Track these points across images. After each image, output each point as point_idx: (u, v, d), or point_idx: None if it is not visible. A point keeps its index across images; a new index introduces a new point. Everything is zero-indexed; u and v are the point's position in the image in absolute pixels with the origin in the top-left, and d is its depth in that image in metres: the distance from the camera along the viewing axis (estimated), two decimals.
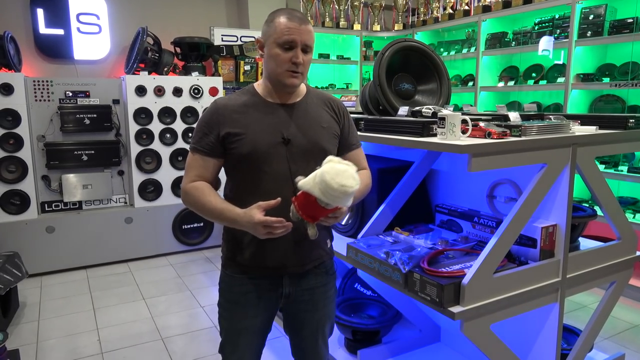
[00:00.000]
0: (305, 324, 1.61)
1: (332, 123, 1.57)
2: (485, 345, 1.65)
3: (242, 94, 1.54)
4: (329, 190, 1.23)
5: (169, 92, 4.37)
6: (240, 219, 1.38)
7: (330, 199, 1.25)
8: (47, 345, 2.88)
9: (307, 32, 1.43)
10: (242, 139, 1.45)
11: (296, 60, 1.42)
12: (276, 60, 1.44)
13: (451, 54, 5.19)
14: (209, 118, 1.49)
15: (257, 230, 1.35)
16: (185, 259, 4.45)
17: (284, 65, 1.43)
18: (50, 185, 4.12)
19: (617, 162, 3.71)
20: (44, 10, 4.37)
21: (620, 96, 3.85)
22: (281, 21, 1.42)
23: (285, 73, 1.44)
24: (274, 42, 1.43)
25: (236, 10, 5.43)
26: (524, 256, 1.81)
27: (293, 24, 1.41)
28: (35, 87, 3.98)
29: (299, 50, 1.42)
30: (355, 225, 2.34)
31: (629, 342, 2.83)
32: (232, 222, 1.41)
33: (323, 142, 1.53)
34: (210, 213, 1.45)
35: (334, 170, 1.23)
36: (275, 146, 1.46)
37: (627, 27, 3.55)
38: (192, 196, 1.47)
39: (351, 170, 1.26)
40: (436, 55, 2.35)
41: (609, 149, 1.95)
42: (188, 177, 1.50)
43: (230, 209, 1.41)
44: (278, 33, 1.41)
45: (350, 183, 1.24)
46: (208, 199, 1.45)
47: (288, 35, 1.40)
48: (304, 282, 1.57)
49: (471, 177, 2.24)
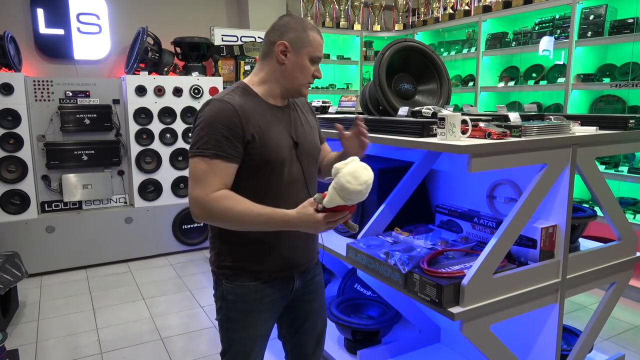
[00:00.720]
0: (308, 316, 1.63)
1: (314, 123, 1.66)
2: (485, 346, 1.65)
3: (244, 94, 1.44)
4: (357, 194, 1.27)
5: (169, 92, 4.37)
6: (296, 219, 1.30)
7: (358, 198, 1.29)
8: (47, 345, 2.88)
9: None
10: (266, 144, 1.40)
11: (318, 75, 1.51)
12: (304, 71, 1.47)
13: (451, 54, 5.19)
14: (229, 121, 1.34)
15: (319, 227, 1.31)
16: (185, 259, 4.45)
17: (307, 78, 1.49)
18: (50, 185, 4.12)
19: (617, 163, 3.70)
20: (44, 10, 4.37)
21: (621, 96, 3.84)
22: (316, 37, 1.47)
23: (305, 85, 1.50)
24: (306, 54, 1.46)
25: (236, 10, 5.43)
26: (524, 257, 1.81)
27: (321, 41, 1.49)
28: (35, 87, 3.98)
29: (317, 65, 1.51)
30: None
31: (629, 343, 2.83)
32: (284, 224, 1.32)
33: (317, 142, 1.62)
34: (253, 221, 1.32)
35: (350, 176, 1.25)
36: (290, 149, 1.47)
37: (627, 27, 3.54)
38: (223, 206, 1.31)
39: (358, 162, 1.30)
40: (436, 55, 2.35)
41: (609, 149, 1.94)
42: (208, 186, 1.32)
43: (279, 212, 1.32)
44: (314, 47, 1.46)
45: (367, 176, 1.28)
46: (246, 205, 1.32)
47: (320, 52, 1.48)
48: (309, 274, 1.62)
49: (471, 178, 2.23)
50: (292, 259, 1.52)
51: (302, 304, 1.62)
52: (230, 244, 1.48)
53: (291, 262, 1.52)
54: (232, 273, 1.48)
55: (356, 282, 2.78)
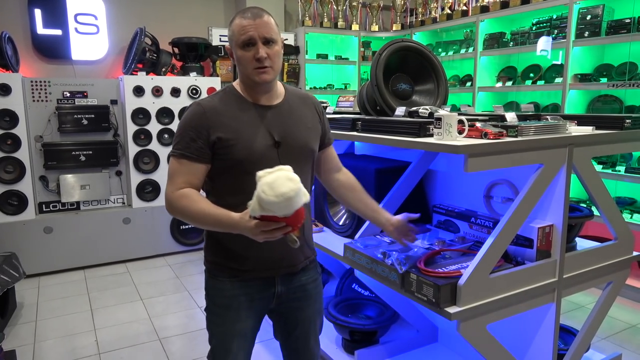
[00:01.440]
0: (298, 323, 1.61)
1: (315, 122, 1.59)
2: (482, 345, 1.65)
3: (225, 95, 1.49)
4: (273, 205, 1.20)
5: (167, 92, 4.37)
6: (238, 224, 1.32)
7: (279, 210, 1.22)
8: (45, 346, 2.88)
9: (263, 25, 1.40)
10: (234, 144, 1.41)
11: (258, 56, 1.40)
12: (241, 61, 1.43)
13: (449, 54, 5.19)
14: (195, 122, 1.42)
15: (255, 234, 1.30)
16: (183, 259, 4.45)
17: (250, 65, 1.42)
18: (48, 185, 4.12)
19: (614, 162, 3.71)
20: (42, 11, 4.37)
21: (618, 96, 3.85)
22: (236, 22, 1.42)
23: (254, 72, 1.42)
24: (235, 45, 1.43)
25: (234, 10, 5.43)
26: (521, 256, 1.81)
27: (247, 21, 1.40)
28: (32, 88, 3.98)
29: (260, 45, 1.40)
30: (352, 225, 2.34)
31: (626, 342, 2.84)
32: (230, 227, 1.35)
33: (311, 142, 1.55)
34: (204, 221, 1.39)
35: (266, 186, 1.20)
36: (268, 149, 1.45)
37: (624, 27, 3.55)
38: (183, 205, 1.40)
39: (282, 173, 1.23)
40: (433, 55, 2.35)
41: (606, 149, 1.95)
42: (174, 184, 1.42)
43: (227, 215, 1.35)
44: (236, 35, 1.41)
45: (287, 188, 1.20)
46: (200, 205, 1.38)
47: (244, 34, 1.39)
48: (295, 279, 1.57)
49: (468, 178, 2.24)
50: (271, 261, 1.50)
51: (292, 311, 1.60)
52: (213, 239, 1.52)
53: (270, 264, 1.50)
54: (213, 267, 1.54)
55: (354, 282, 2.78)
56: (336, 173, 1.73)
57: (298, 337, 1.63)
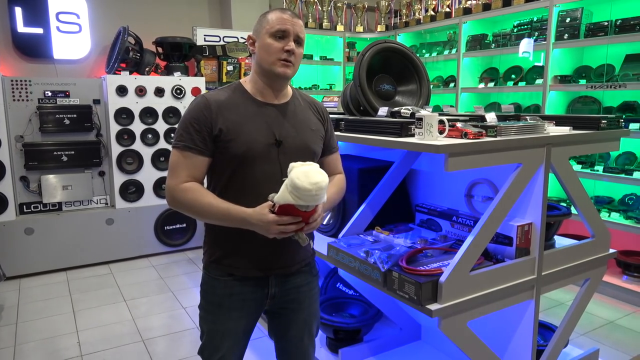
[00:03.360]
0: (291, 325, 1.60)
1: (318, 126, 1.59)
2: (463, 342, 1.68)
3: (230, 90, 1.50)
4: (305, 192, 1.27)
5: (150, 92, 4.34)
6: (251, 218, 1.34)
7: (308, 199, 1.29)
8: (26, 349, 2.84)
9: (299, 25, 1.47)
10: (235, 139, 1.42)
11: (289, 48, 1.44)
12: (269, 49, 1.44)
13: (433, 56, 5.25)
14: (200, 115, 1.42)
15: (270, 229, 1.32)
16: (167, 260, 4.42)
17: (277, 54, 1.44)
18: (29, 186, 4.05)
19: (593, 162, 3.79)
20: (22, 9, 4.30)
21: (597, 98, 3.94)
22: (276, 13, 1.46)
23: (278, 62, 1.44)
24: (266, 33, 1.45)
25: (219, 10, 5.41)
26: (501, 254, 1.85)
27: (285, 15, 1.44)
28: (13, 87, 3.92)
29: (292, 40, 1.45)
30: (336, 225, 2.36)
31: (603, 338, 2.90)
32: (241, 221, 1.36)
33: (312, 144, 1.54)
34: (214, 214, 1.39)
35: (301, 173, 1.28)
36: (268, 147, 1.45)
37: (602, 29, 3.63)
38: (189, 198, 1.39)
39: (315, 167, 1.32)
40: (416, 56, 2.38)
41: (583, 149, 1.99)
42: (178, 177, 1.41)
43: (238, 209, 1.36)
44: (271, 24, 1.44)
45: (320, 178, 1.29)
46: (208, 200, 1.39)
47: (281, 25, 1.43)
48: (290, 281, 1.57)
49: (450, 177, 2.27)
50: (266, 260, 1.50)
51: (286, 312, 1.59)
52: (211, 235, 1.53)
53: (265, 264, 1.50)
54: (209, 263, 1.54)
55: (338, 281, 2.80)
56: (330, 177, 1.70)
57: (291, 339, 1.62)
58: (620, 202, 3.75)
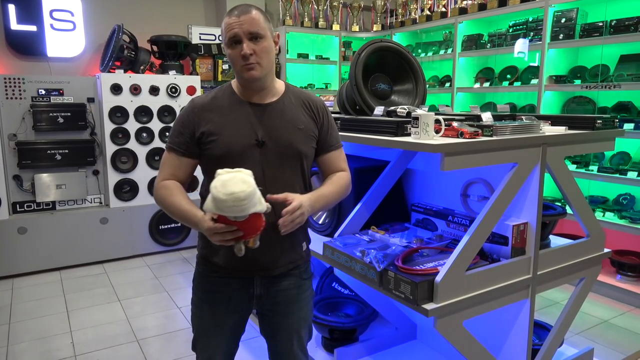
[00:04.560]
0: (279, 328, 1.59)
1: (309, 124, 1.53)
2: (458, 341, 1.68)
3: (221, 92, 1.53)
4: (222, 203, 1.21)
5: (145, 90, 4.31)
6: (198, 223, 1.36)
7: (227, 210, 1.22)
8: (19, 349, 2.81)
9: (248, 21, 1.40)
10: (215, 140, 1.44)
11: (242, 53, 1.40)
12: (231, 59, 1.45)
13: (429, 55, 5.25)
14: (185, 117, 1.49)
15: (210, 236, 1.31)
16: (162, 259, 4.40)
17: (238, 63, 1.43)
18: (22, 185, 4.02)
19: (588, 162, 3.81)
20: (16, 6, 4.26)
21: (592, 98, 3.95)
22: (224, 21, 1.44)
23: (242, 69, 1.43)
24: (225, 45, 1.46)
25: (214, 8, 5.39)
26: (496, 254, 1.85)
27: (232, 19, 1.41)
28: (6, 85, 3.89)
29: (245, 42, 1.40)
30: (332, 224, 2.35)
31: (598, 337, 2.91)
32: (193, 224, 1.39)
33: (298, 144, 1.50)
34: (176, 213, 1.44)
35: (219, 182, 1.22)
36: (249, 148, 1.44)
37: (597, 30, 3.65)
38: (161, 195, 1.47)
39: (240, 175, 1.24)
40: (412, 56, 2.38)
41: (578, 148, 2.00)
42: (161, 175, 1.51)
43: (193, 212, 1.39)
44: (224, 33, 1.45)
45: (238, 188, 1.20)
46: (175, 199, 1.44)
47: (229, 32, 1.41)
48: (276, 284, 1.55)
49: (446, 177, 2.27)
50: (246, 263, 1.47)
51: (273, 314, 1.58)
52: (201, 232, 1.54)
53: (245, 265, 1.48)
54: (199, 260, 1.58)
55: (334, 280, 2.79)
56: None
57: (279, 342, 1.61)
58: (615, 202, 3.76)
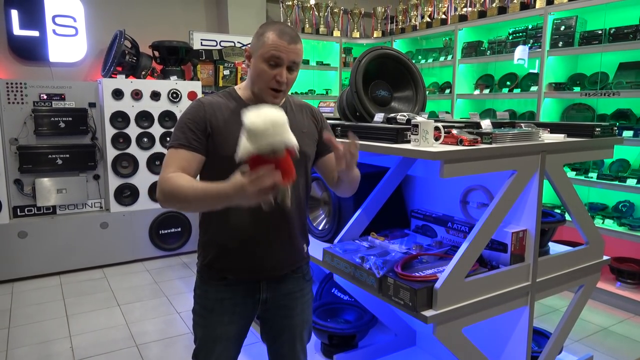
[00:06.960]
0: (283, 330, 1.61)
1: (311, 128, 1.59)
2: (458, 348, 1.68)
3: (225, 97, 1.51)
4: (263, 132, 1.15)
5: (146, 95, 4.33)
6: (227, 188, 1.21)
7: (267, 138, 1.16)
8: (18, 353, 2.81)
9: (295, 51, 1.41)
10: (224, 141, 1.43)
11: (279, 79, 1.41)
12: (261, 75, 1.42)
13: (429, 62, 5.27)
14: (194, 114, 1.44)
15: (246, 191, 1.18)
16: (162, 264, 4.40)
17: (267, 82, 1.42)
18: (23, 189, 4.03)
19: (587, 169, 3.82)
20: (19, 12, 4.29)
21: (591, 105, 3.97)
22: (270, 36, 1.40)
23: (268, 91, 1.44)
24: (260, 56, 1.41)
25: (216, 14, 5.42)
26: (495, 260, 1.85)
27: (282, 42, 1.39)
28: (8, 89, 3.91)
29: (284, 68, 1.41)
30: (331, 230, 2.36)
31: (597, 345, 2.91)
32: (218, 196, 1.25)
33: (304, 146, 1.52)
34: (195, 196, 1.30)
35: (253, 114, 1.18)
36: None
37: (596, 38, 3.67)
38: (170, 185, 1.33)
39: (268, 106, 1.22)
40: (412, 63, 2.40)
41: (577, 156, 2.01)
42: (166, 171, 1.38)
43: (212, 185, 1.26)
44: (266, 47, 1.40)
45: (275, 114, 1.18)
46: (190, 183, 1.33)
47: (275, 51, 1.39)
48: (281, 287, 1.57)
49: (446, 183, 2.28)
50: (257, 263, 1.49)
51: (278, 318, 1.59)
52: (204, 237, 1.54)
53: (256, 267, 1.50)
54: (202, 267, 1.55)
55: (333, 286, 2.80)
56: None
57: (283, 344, 1.62)
58: (614, 209, 3.77)
